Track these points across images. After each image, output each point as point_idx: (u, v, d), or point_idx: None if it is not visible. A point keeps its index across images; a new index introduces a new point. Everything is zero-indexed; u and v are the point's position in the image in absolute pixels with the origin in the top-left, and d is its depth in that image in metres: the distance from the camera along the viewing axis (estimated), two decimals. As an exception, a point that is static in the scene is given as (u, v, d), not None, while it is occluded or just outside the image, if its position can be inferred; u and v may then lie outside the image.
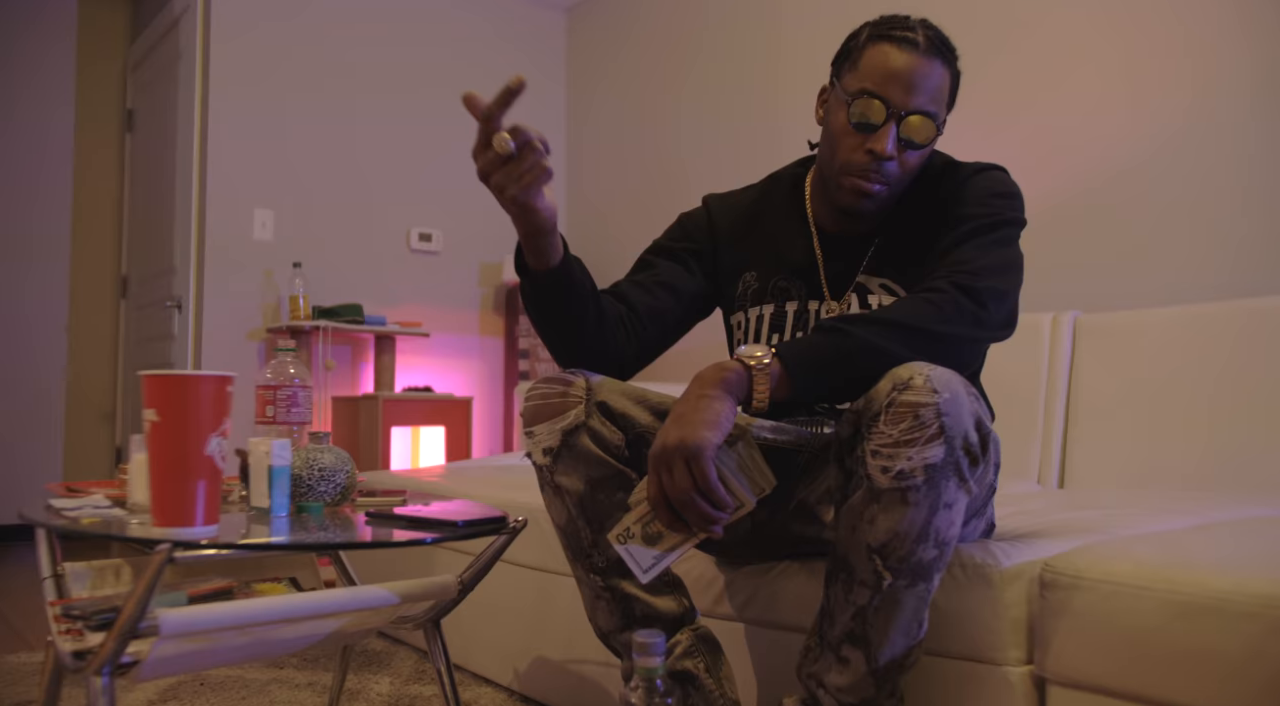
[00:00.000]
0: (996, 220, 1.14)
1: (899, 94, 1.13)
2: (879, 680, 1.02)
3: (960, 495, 0.97)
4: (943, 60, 1.16)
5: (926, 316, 1.04)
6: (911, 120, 1.13)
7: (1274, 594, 0.86)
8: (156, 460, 0.93)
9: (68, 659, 1.06)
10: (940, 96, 1.16)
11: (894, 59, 1.14)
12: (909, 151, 1.15)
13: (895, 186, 1.17)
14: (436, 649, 1.24)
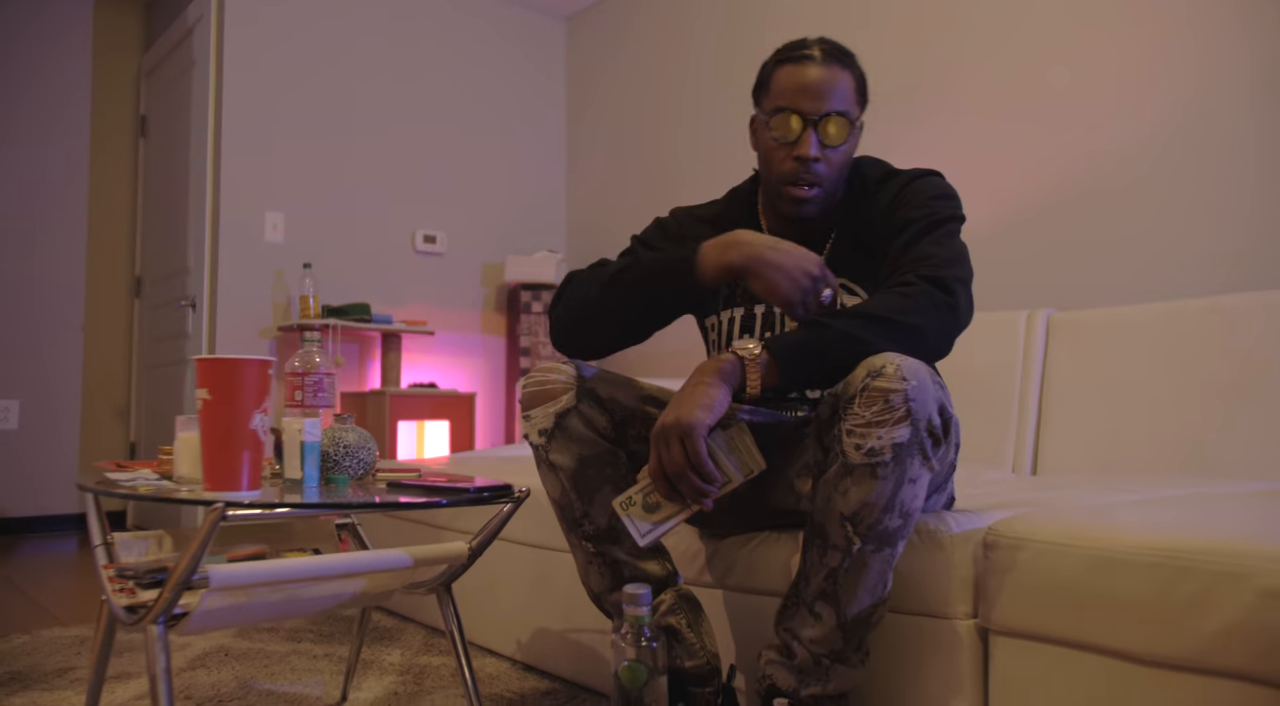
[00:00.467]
0: (941, 218, 1.27)
1: (809, 103, 1.27)
2: (847, 633, 1.15)
3: (923, 472, 1.10)
4: (842, 65, 1.30)
5: (903, 309, 1.16)
6: (826, 123, 1.28)
7: (1177, 546, 1.00)
8: (207, 433, 1.06)
9: (121, 613, 1.19)
10: (848, 96, 1.30)
11: (799, 75, 1.28)
12: (830, 151, 1.29)
13: (828, 185, 1.31)
14: (449, 611, 1.37)
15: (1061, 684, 1.09)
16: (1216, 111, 2.30)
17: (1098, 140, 2.51)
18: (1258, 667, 0.93)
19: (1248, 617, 0.93)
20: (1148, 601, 1.00)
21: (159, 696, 1.09)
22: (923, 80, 2.94)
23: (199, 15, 3.65)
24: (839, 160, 1.31)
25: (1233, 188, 2.27)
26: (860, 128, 1.33)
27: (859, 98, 1.33)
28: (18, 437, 3.93)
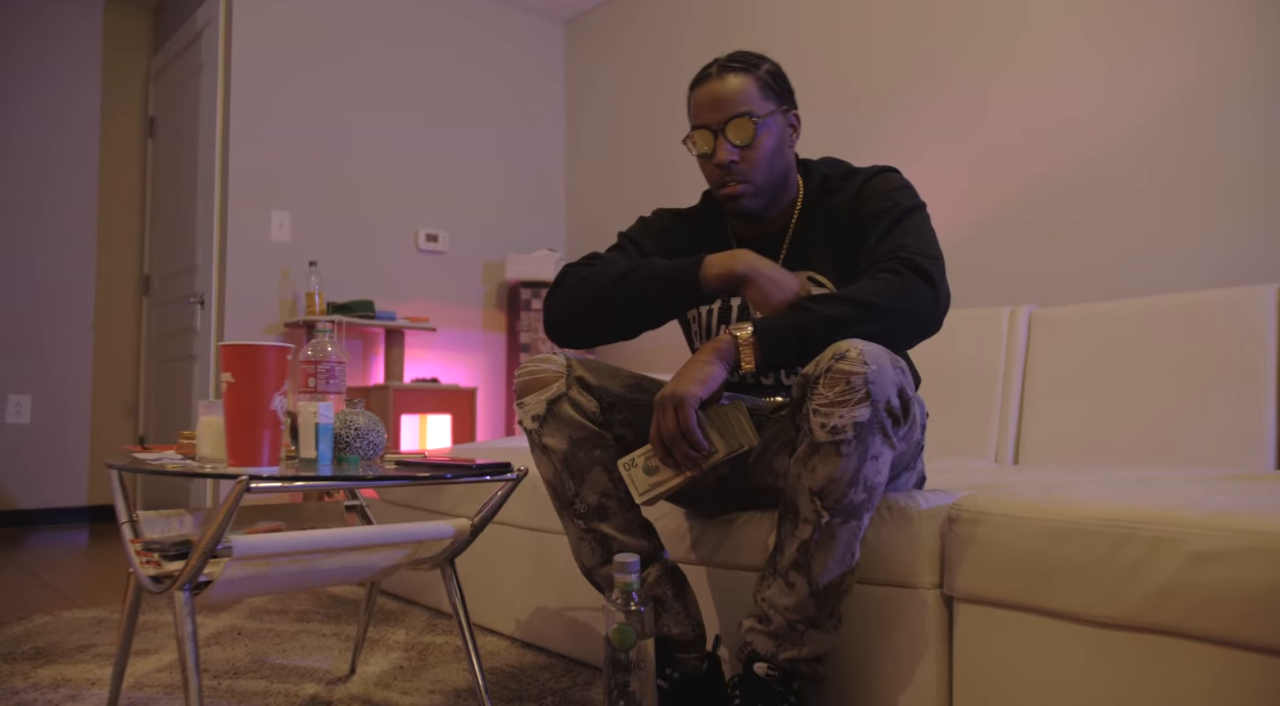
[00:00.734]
0: (908, 207, 1.37)
1: (711, 115, 1.40)
2: (819, 601, 1.24)
3: (885, 449, 1.19)
4: (740, 72, 1.41)
5: (889, 294, 1.24)
6: (729, 128, 1.39)
7: (1119, 516, 1.09)
8: (231, 413, 1.16)
9: (148, 582, 1.28)
10: (747, 97, 1.39)
11: (702, 94, 1.42)
12: (745, 149, 1.39)
13: (757, 178, 1.41)
14: (452, 586, 1.46)
15: (1018, 646, 1.18)
16: (1195, 115, 2.39)
17: (1079, 141, 2.61)
18: (1190, 624, 1.02)
19: (1181, 578, 1.02)
20: (1094, 567, 1.09)
21: (186, 657, 1.18)
22: (908, 82, 3.03)
23: (207, 19, 3.74)
24: (759, 154, 1.41)
25: (1208, 188, 2.36)
26: (775, 117, 1.42)
27: (767, 93, 1.42)
28: (30, 432, 4.03)
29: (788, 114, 1.46)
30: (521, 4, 4.41)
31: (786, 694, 1.26)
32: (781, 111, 1.44)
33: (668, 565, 1.41)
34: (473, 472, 1.30)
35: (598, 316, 1.41)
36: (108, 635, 2.02)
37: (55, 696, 1.59)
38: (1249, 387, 1.98)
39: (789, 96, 1.46)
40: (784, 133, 1.44)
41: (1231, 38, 2.32)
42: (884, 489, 1.27)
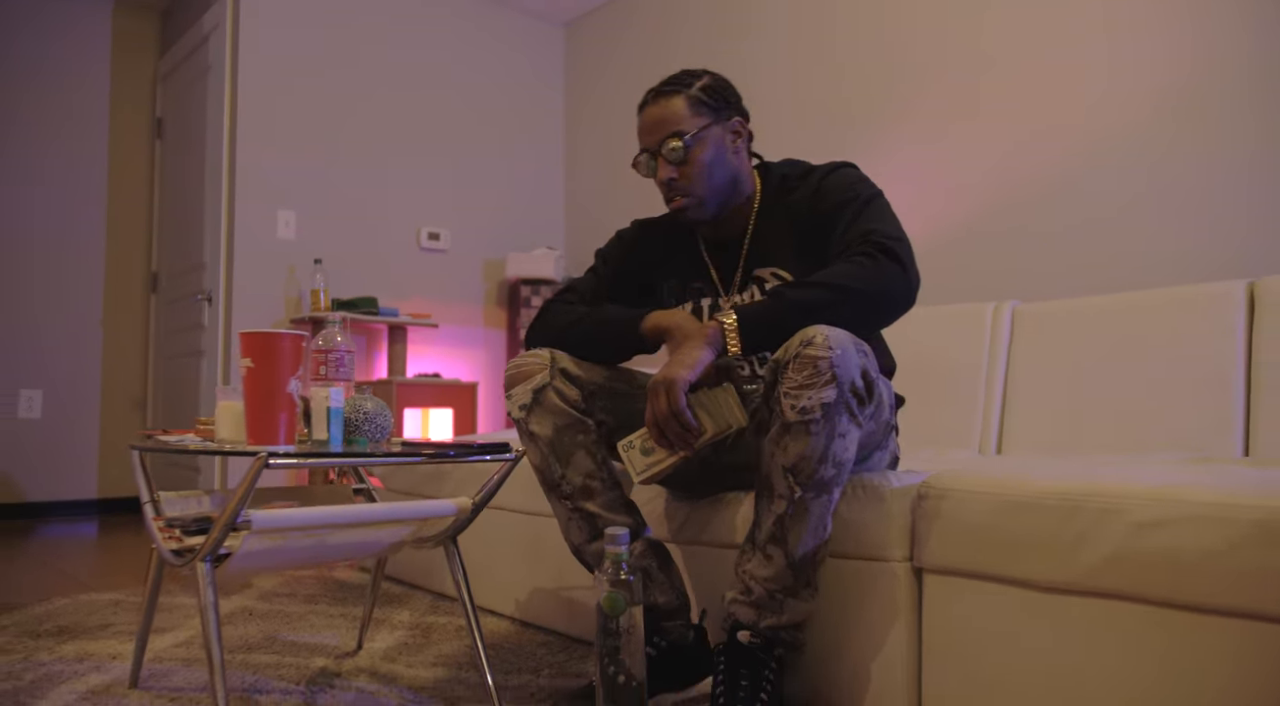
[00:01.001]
0: (869, 195, 1.46)
1: (647, 138, 1.53)
2: (796, 572, 1.33)
3: (852, 427, 1.28)
4: (669, 94, 1.52)
5: (860, 277, 1.33)
6: (663, 149, 1.50)
7: (1069, 490, 1.18)
8: (251, 396, 1.25)
9: (170, 556, 1.38)
10: (678, 118, 1.50)
11: (640, 121, 1.55)
12: (682, 166, 1.49)
13: (698, 190, 1.51)
14: (455, 563, 1.55)
15: (981, 613, 1.27)
16: (1174, 119, 2.47)
17: (1064, 143, 2.69)
18: (1133, 588, 1.11)
19: (1124, 546, 1.11)
20: (1046, 538, 1.18)
21: (208, 625, 1.27)
22: (894, 84, 3.12)
23: (214, 23, 3.84)
24: (695, 169, 1.50)
25: (1185, 189, 2.45)
26: (708, 131, 1.51)
27: (698, 109, 1.51)
28: (41, 426, 4.12)
29: (728, 123, 1.54)
30: (521, 7, 4.50)
31: (768, 659, 1.34)
32: (718, 123, 1.52)
33: (651, 540, 1.50)
34: (473, 451, 1.39)
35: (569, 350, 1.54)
36: (125, 615, 2.12)
37: (80, 668, 1.69)
38: (1220, 378, 2.06)
39: (727, 106, 1.54)
40: (722, 142, 1.53)
41: (1226, 36, 2.41)
42: (853, 465, 1.36)
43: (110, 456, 4.29)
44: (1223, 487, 1.07)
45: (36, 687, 1.57)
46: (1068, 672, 1.17)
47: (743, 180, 1.57)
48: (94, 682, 1.60)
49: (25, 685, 1.58)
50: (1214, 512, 1.04)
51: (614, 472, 1.52)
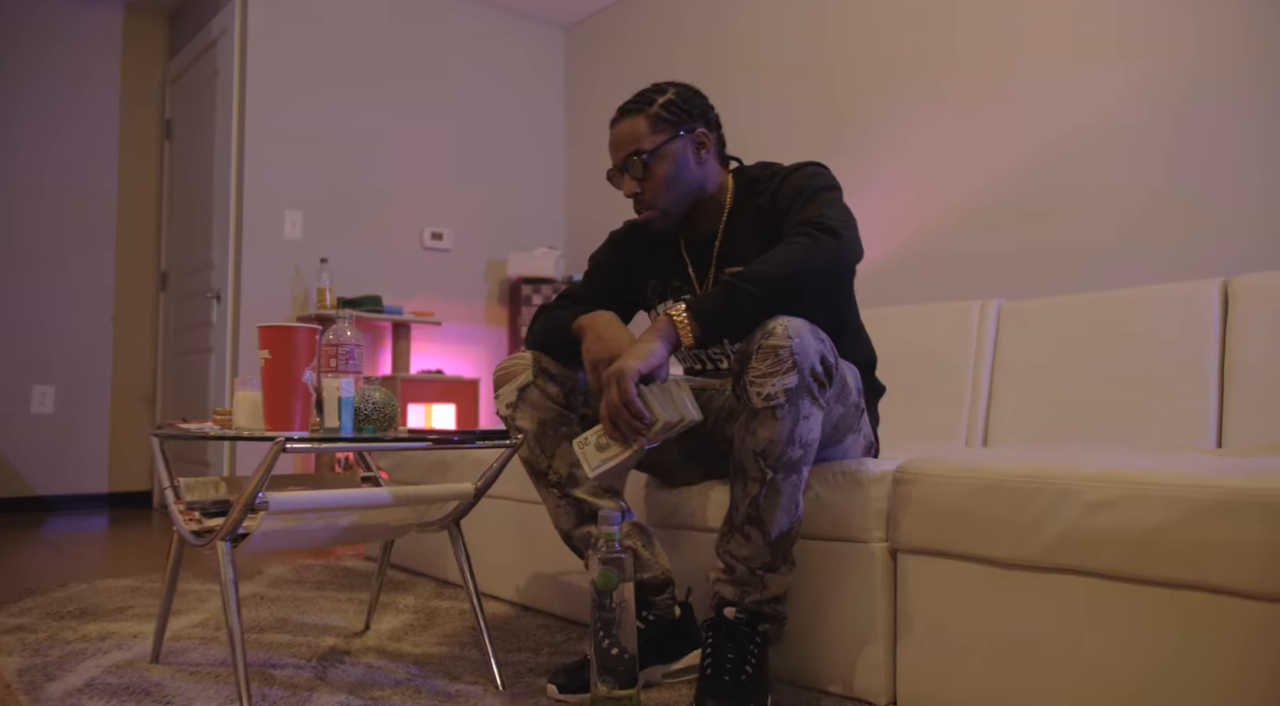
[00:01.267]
0: (822, 186, 1.54)
1: (614, 156, 1.65)
2: (773, 548, 1.41)
3: (814, 410, 1.36)
4: (632, 114, 1.63)
5: (794, 259, 1.40)
6: (626, 166, 1.62)
7: (1030, 473, 1.27)
8: (268, 385, 1.34)
9: (190, 537, 1.46)
10: (637, 137, 1.61)
11: (609, 140, 1.65)
12: (644, 181, 1.61)
13: (661, 202, 1.62)
14: (459, 545, 1.64)
15: (950, 589, 1.36)
16: (1153, 124, 2.56)
17: (1049, 147, 2.78)
18: (1085, 562, 1.19)
19: (1077, 524, 1.20)
20: (1008, 518, 1.27)
21: (228, 600, 1.36)
22: (886, 88, 3.20)
23: (223, 29, 3.93)
24: (656, 184, 1.61)
25: (1163, 191, 2.53)
26: (668, 145, 1.60)
27: (658, 126, 1.61)
28: (53, 421, 4.22)
29: (692, 135, 1.63)
30: (523, 11, 4.59)
31: (752, 634, 1.43)
32: (680, 137, 1.61)
33: (635, 523, 1.59)
34: (476, 437, 1.48)
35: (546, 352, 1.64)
36: (141, 599, 2.21)
37: (103, 646, 1.78)
38: (1195, 373, 2.14)
39: (690, 119, 1.63)
40: (685, 155, 1.62)
41: (1212, 44, 2.49)
42: (822, 446, 1.45)
43: (120, 451, 4.38)
44: (1167, 470, 1.16)
45: (64, 662, 1.66)
46: (1029, 642, 1.26)
47: (709, 185, 1.66)
48: (117, 658, 1.69)
49: (53, 660, 1.67)
50: (1158, 492, 1.13)
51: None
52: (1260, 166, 2.34)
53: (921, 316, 2.68)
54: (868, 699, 1.45)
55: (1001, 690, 1.28)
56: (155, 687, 1.52)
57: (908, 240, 3.13)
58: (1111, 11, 2.64)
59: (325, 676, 1.59)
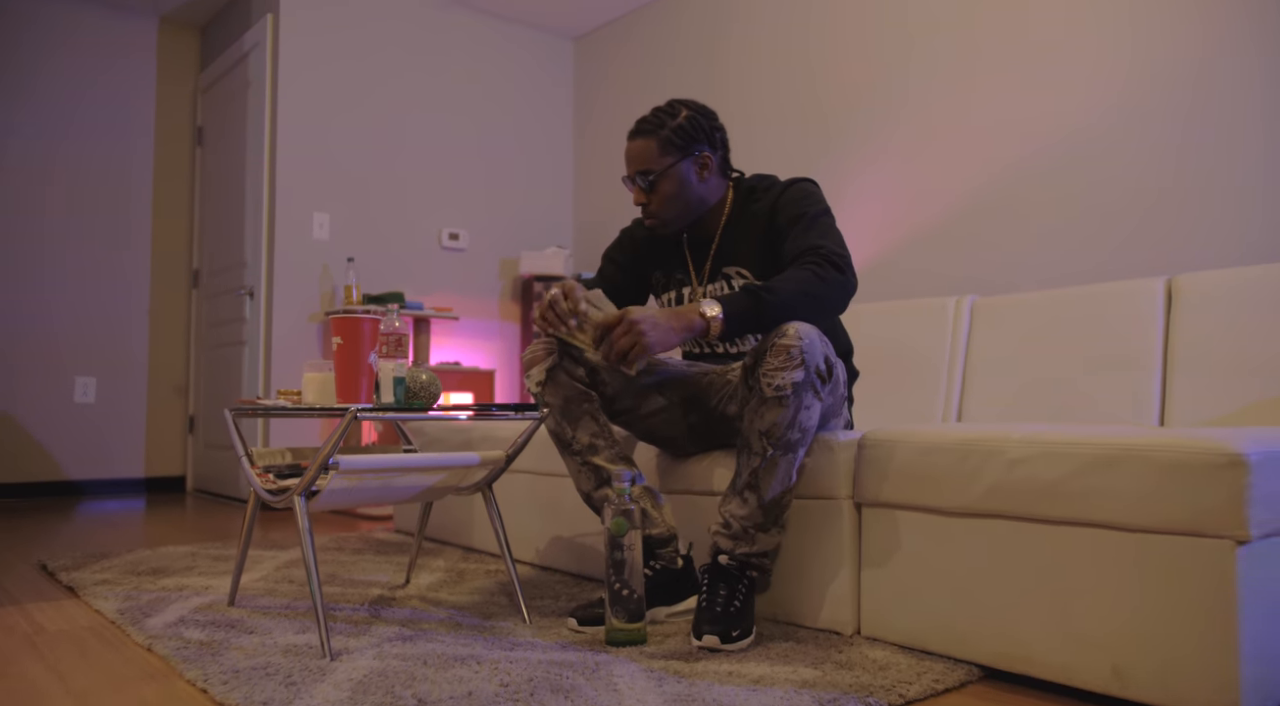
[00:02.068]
0: (819, 211, 1.81)
1: (627, 168, 1.91)
2: (766, 512, 1.69)
3: (815, 401, 1.64)
4: (644, 135, 1.88)
5: (811, 282, 1.68)
6: (636, 180, 1.88)
7: (965, 437, 1.54)
8: (340, 365, 1.61)
9: (266, 495, 1.74)
10: (647, 157, 1.87)
11: (624, 152, 1.92)
12: (651, 193, 1.88)
13: (664, 212, 1.90)
14: (492, 505, 1.92)
15: (903, 534, 1.63)
16: (1106, 136, 2.83)
17: (1019, 155, 3.05)
18: (1007, 509, 1.47)
19: (1002, 478, 1.47)
20: (948, 474, 1.55)
21: (305, 548, 1.64)
22: (869, 98, 3.47)
23: (254, 43, 4.20)
24: (661, 198, 1.88)
25: (1116, 197, 2.80)
26: (674, 167, 1.86)
27: (667, 149, 1.87)
28: (95, 410, 4.51)
29: (697, 156, 1.89)
30: (534, 23, 4.87)
31: (741, 577, 1.71)
32: (685, 159, 1.88)
33: (645, 486, 1.86)
34: (510, 408, 1.76)
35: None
36: (203, 561, 2.49)
37: (182, 594, 2.06)
38: (1142, 361, 2.40)
39: (695, 142, 1.88)
40: (689, 174, 1.89)
41: (1163, 58, 2.77)
42: (814, 431, 1.73)
43: (155, 439, 4.67)
44: (1067, 433, 1.43)
45: (153, 606, 1.94)
46: (965, 575, 1.53)
47: (710, 199, 1.93)
48: (197, 603, 1.97)
49: (143, 604, 1.95)
50: (1059, 450, 1.40)
51: (613, 434, 1.88)
52: (1199, 173, 2.62)
53: (902, 311, 2.95)
54: (836, 629, 1.73)
55: (944, 616, 1.56)
56: (238, 622, 1.80)
57: (890, 242, 3.41)
58: (1073, 38, 2.91)
59: (378, 615, 1.87)
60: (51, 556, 2.59)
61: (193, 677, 1.45)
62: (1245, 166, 2.54)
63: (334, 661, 1.52)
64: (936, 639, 1.57)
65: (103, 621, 1.87)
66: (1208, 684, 1.24)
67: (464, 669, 1.48)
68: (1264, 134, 2.50)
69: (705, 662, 1.52)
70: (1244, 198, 2.54)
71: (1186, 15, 2.66)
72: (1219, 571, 1.24)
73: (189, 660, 1.53)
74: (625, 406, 1.92)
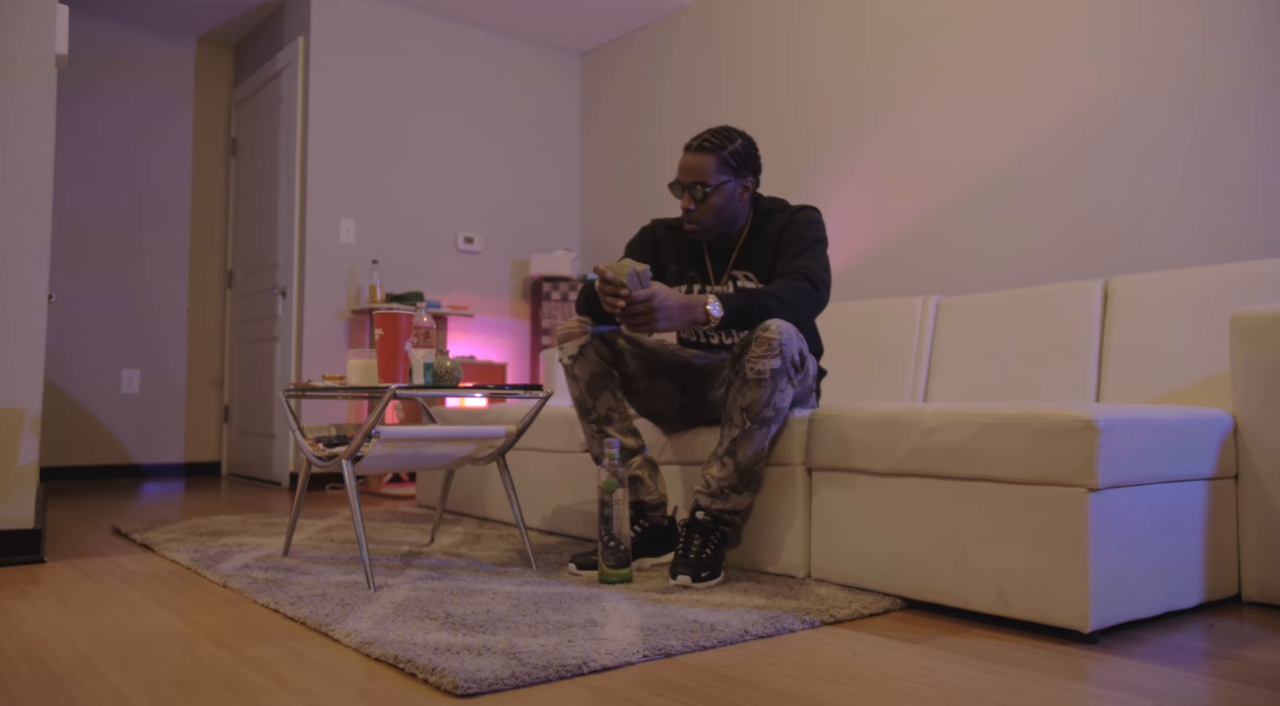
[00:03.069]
0: (815, 238, 2.15)
1: (682, 176, 2.20)
2: (741, 475, 2.03)
3: (788, 386, 1.98)
4: (706, 151, 2.17)
5: (790, 291, 2.03)
6: (690, 189, 2.18)
7: (890, 413, 1.88)
8: (382, 352, 1.97)
9: (317, 460, 2.10)
10: (706, 171, 2.16)
11: (681, 159, 2.21)
12: (699, 203, 2.17)
13: (704, 221, 2.20)
14: (505, 473, 2.27)
15: (843, 493, 1.98)
16: (1060, 152, 3.17)
17: (977, 170, 3.39)
18: (923, 469, 1.81)
19: (920, 444, 1.81)
20: (880, 440, 1.89)
21: (353, 505, 1.99)
22: (848, 120, 3.81)
23: (287, 61, 4.57)
24: (708, 210, 2.19)
25: (1062, 208, 3.14)
26: (725, 185, 2.18)
27: (724, 169, 2.18)
28: (139, 400, 4.89)
29: (742, 180, 2.21)
30: (543, 41, 5.22)
31: (714, 530, 2.05)
32: (734, 180, 2.20)
33: (647, 457, 2.21)
34: (521, 388, 2.11)
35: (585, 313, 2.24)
36: (252, 527, 2.85)
37: (241, 549, 2.42)
38: (1080, 353, 2.73)
39: (744, 168, 2.20)
40: (733, 194, 2.20)
41: (1112, 79, 3.10)
42: (786, 411, 2.07)
43: (193, 426, 5.05)
44: (969, 406, 1.77)
45: (219, 557, 2.30)
46: (892, 525, 1.88)
47: (741, 216, 2.24)
48: (255, 555, 2.33)
49: (210, 556, 2.31)
50: (961, 420, 1.75)
51: (627, 409, 2.22)
52: (1125, 191, 2.95)
53: (875, 309, 3.29)
54: (791, 573, 2.08)
55: (875, 559, 1.90)
56: (293, 567, 2.16)
57: (865, 248, 3.75)
58: (1025, 73, 3.25)
59: (410, 564, 2.23)
60: (122, 522, 2.96)
61: (265, 602, 1.81)
62: (1169, 185, 2.87)
63: (377, 592, 1.88)
64: (870, 577, 1.92)
65: (179, 568, 2.23)
66: (1066, 601, 1.58)
67: (483, 596, 1.83)
68: (1184, 160, 2.83)
69: (678, 595, 1.87)
70: (1171, 211, 2.87)
71: (1124, 55, 2.99)
72: (1075, 513, 1.58)
73: (259, 590, 1.89)
74: (639, 387, 2.26)
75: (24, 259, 2.34)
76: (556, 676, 1.34)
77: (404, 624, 1.60)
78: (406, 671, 1.36)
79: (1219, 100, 2.76)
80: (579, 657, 1.40)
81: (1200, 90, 2.80)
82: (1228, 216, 2.74)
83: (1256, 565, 1.87)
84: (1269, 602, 1.87)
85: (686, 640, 1.51)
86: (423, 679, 1.32)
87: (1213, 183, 2.78)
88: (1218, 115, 2.76)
